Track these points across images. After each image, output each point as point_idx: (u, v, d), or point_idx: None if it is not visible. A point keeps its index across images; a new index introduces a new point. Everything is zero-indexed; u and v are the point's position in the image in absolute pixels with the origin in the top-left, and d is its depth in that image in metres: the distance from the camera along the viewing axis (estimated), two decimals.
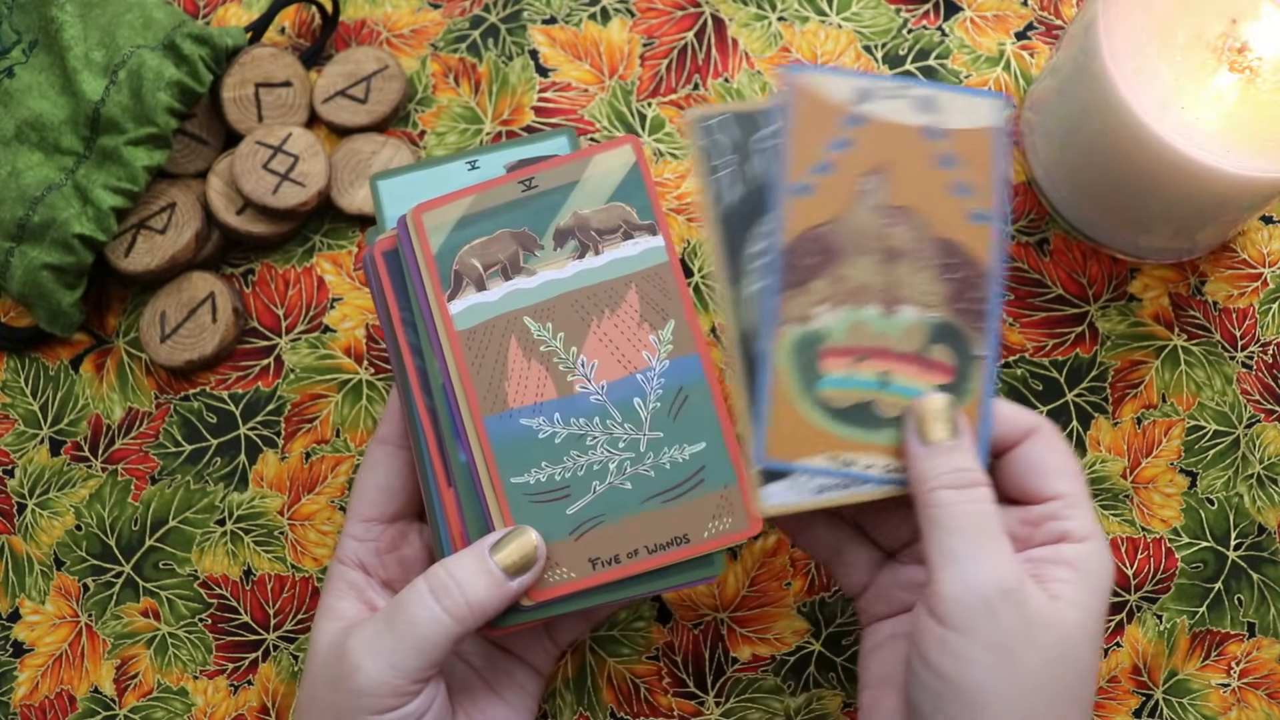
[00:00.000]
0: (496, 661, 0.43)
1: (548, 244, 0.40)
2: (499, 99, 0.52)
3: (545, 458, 0.39)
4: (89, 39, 0.48)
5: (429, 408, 0.40)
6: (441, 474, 0.40)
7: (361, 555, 0.41)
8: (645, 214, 0.40)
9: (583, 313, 0.40)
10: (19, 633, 0.48)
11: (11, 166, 0.48)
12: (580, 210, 0.40)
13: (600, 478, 0.39)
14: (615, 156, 0.40)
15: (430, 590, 0.37)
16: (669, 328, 0.40)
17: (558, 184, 0.40)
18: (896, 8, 0.53)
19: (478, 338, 0.39)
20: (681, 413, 0.39)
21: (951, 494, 0.37)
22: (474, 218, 0.40)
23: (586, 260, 0.40)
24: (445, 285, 0.40)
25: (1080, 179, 0.47)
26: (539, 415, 0.39)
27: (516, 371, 0.39)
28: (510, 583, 0.38)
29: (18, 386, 0.50)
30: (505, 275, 0.40)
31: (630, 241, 0.40)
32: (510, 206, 0.40)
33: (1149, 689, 0.48)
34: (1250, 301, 0.50)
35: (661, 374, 0.40)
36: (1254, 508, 0.48)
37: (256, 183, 0.49)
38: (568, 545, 0.39)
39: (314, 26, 0.53)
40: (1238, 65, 0.42)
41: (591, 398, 0.39)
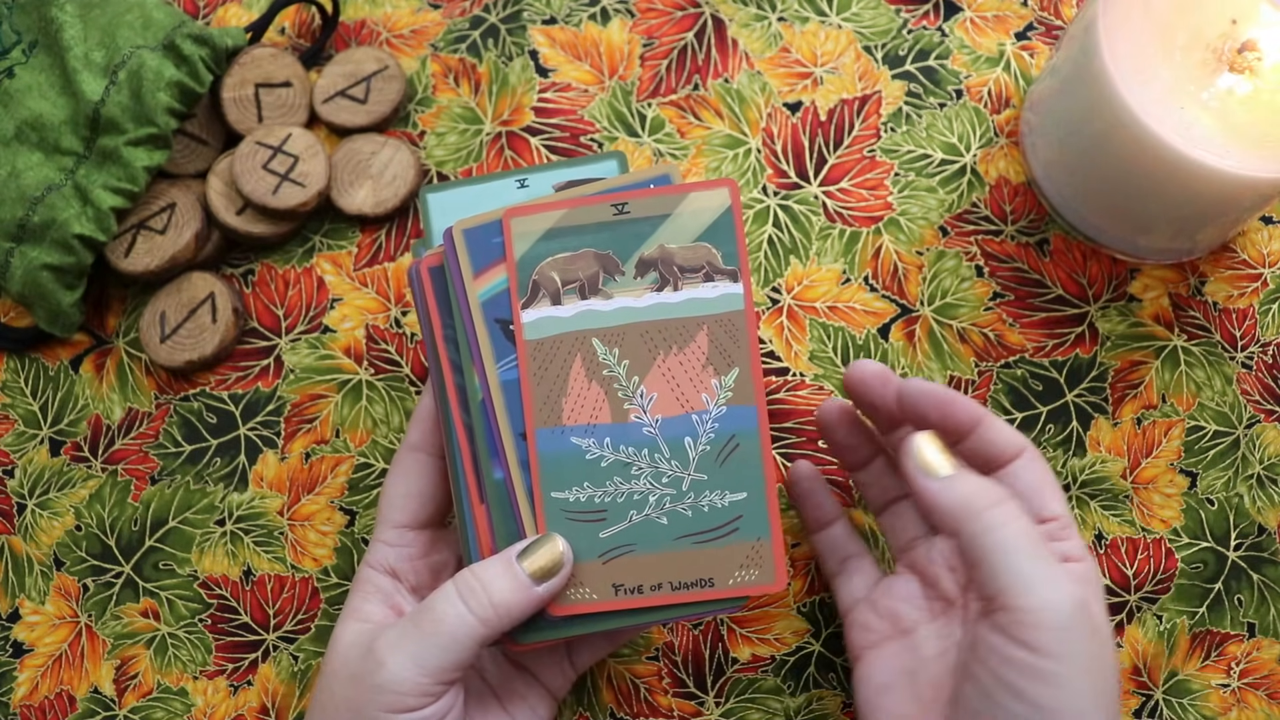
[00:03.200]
0: (512, 681, 0.43)
1: (629, 271, 0.40)
2: (499, 99, 0.52)
3: (589, 479, 0.39)
4: (89, 39, 0.48)
5: (466, 424, 0.40)
6: (475, 490, 0.40)
7: (393, 561, 0.41)
8: (730, 260, 0.40)
9: (651, 345, 0.40)
10: (19, 633, 0.48)
11: (11, 166, 0.48)
12: (667, 244, 0.40)
13: (639, 508, 0.40)
14: (711, 197, 0.40)
15: (457, 592, 0.37)
16: (732, 375, 0.40)
17: (649, 214, 0.40)
18: (896, 8, 0.53)
19: (544, 350, 0.40)
20: (729, 460, 0.40)
21: (997, 514, 0.36)
22: (561, 232, 0.40)
23: (664, 294, 0.40)
24: (522, 293, 0.40)
25: (1080, 179, 0.47)
26: (590, 437, 0.40)
27: (576, 390, 0.40)
28: (536, 588, 0.38)
29: (18, 386, 0.50)
30: (582, 294, 0.40)
31: (710, 284, 0.40)
32: (599, 227, 0.40)
33: (1149, 689, 0.48)
34: (1250, 302, 0.50)
35: (716, 419, 0.40)
36: (1254, 508, 0.48)
37: (256, 183, 0.49)
38: (595, 567, 0.39)
39: (314, 27, 0.53)
40: (1238, 65, 0.42)
41: (644, 429, 0.40)
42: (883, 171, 0.51)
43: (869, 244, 0.50)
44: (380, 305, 0.50)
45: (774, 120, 0.52)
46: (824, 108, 0.52)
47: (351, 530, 0.48)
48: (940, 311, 0.50)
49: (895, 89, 0.52)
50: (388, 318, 0.50)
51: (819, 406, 0.44)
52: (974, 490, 0.37)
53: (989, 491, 0.37)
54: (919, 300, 0.50)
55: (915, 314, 0.50)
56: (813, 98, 0.52)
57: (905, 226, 0.50)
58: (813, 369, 0.49)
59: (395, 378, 0.49)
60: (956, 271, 0.50)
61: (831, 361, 0.49)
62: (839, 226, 0.50)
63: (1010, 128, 0.51)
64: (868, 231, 0.50)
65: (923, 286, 0.50)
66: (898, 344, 0.49)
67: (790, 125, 0.51)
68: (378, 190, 0.50)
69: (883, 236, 0.50)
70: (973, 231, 0.50)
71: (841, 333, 0.49)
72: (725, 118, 0.52)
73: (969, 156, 0.51)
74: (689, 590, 0.39)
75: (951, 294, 0.50)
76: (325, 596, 0.48)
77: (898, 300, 0.50)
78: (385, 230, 0.51)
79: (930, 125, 0.51)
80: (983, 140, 0.51)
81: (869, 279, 0.50)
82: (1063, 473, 0.48)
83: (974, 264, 0.50)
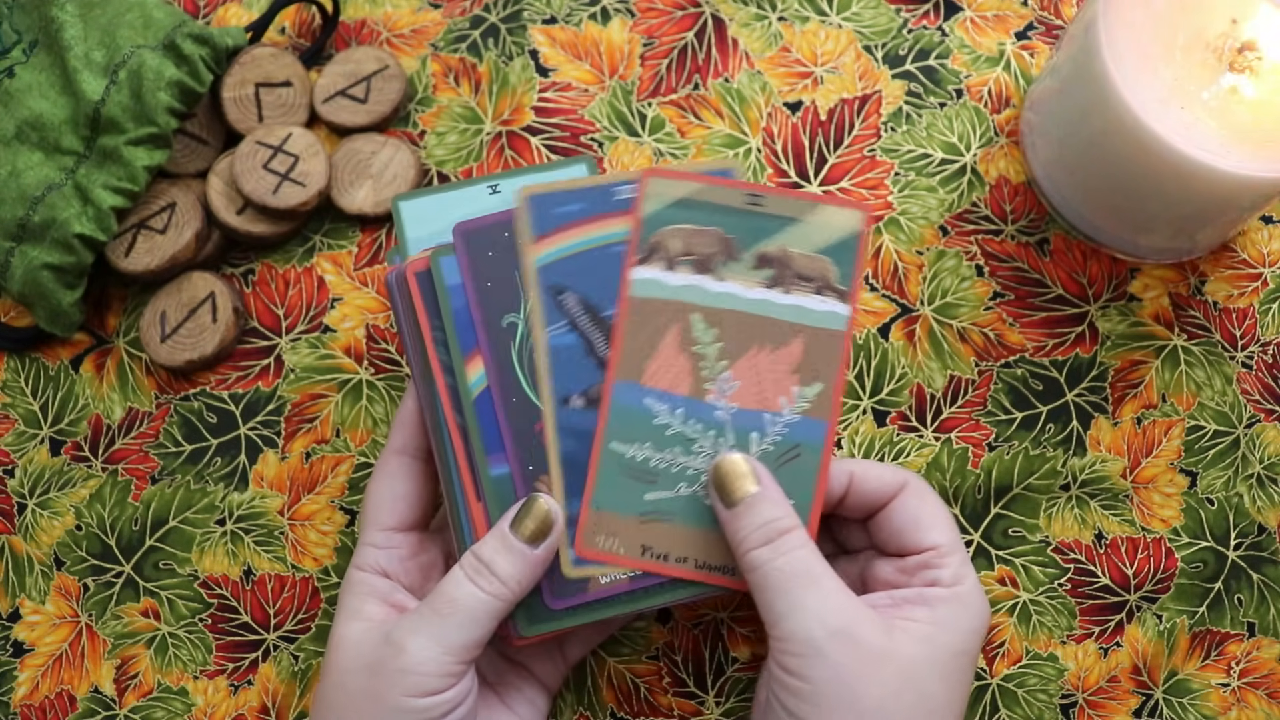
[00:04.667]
0: (507, 675, 0.43)
1: (746, 260, 0.41)
2: (499, 99, 0.52)
3: (651, 440, 0.41)
4: (89, 39, 0.48)
5: (459, 424, 0.40)
6: (471, 488, 0.40)
7: (383, 562, 0.42)
8: (845, 281, 0.41)
9: (747, 336, 0.41)
10: (19, 633, 0.48)
11: (11, 166, 0.48)
12: (789, 247, 0.41)
13: (689, 482, 0.41)
14: (844, 216, 0.41)
15: (465, 574, 0.39)
16: (814, 388, 0.41)
17: (781, 213, 0.41)
18: (896, 8, 0.53)
19: (645, 310, 0.41)
20: (787, 467, 0.41)
21: (763, 553, 0.38)
22: (693, 204, 0.41)
23: (774, 293, 0.41)
24: (640, 250, 0.41)
25: (1080, 179, 0.47)
26: (665, 403, 0.41)
27: (664, 356, 0.41)
28: (535, 551, 0.39)
29: (18, 386, 0.50)
30: (696, 269, 0.41)
31: (819, 298, 0.41)
32: (729, 211, 0.41)
33: (1149, 689, 0.48)
34: (1250, 301, 0.50)
35: (787, 424, 0.41)
36: (1254, 508, 0.48)
37: (257, 183, 0.49)
38: (631, 523, 0.40)
39: (314, 26, 0.53)
40: (1238, 65, 0.42)
41: (717, 411, 0.41)
42: (883, 171, 0.51)
43: (869, 244, 0.50)
44: (380, 305, 0.50)
45: (774, 120, 0.52)
46: (824, 107, 0.52)
47: (352, 530, 0.48)
48: (940, 311, 0.50)
49: (895, 89, 0.52)
50: (388, 317, 0.50)
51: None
52: (751, 526, 0.39)
53: (768, 526, 0.39)
54: (919, 300, 0.50)
55: (915, 313, 0.50)
56: (813, 97, 0.52)
57: (905, 226, 0.50)
58: None
59: (395, 377, 0.49)
60: (957, 271, 0.50)
61: None
62: None
63: (1010, 127, 0.51)
64: None
65: (923, 286, 0.50)
66: (898, 343, 0.49)
67: (790, 125, 0.51)
68: (378, 190, 0.50)
69: (883, 236, 0.50)
70: (973, 231, 0.50)
71: None
72: (725, 117, 0.52)
73: (969, 156, 0.51)
74: (709, 572, 0.40)
75: (952, 293, 0.50)
76: (325, 596, 0.48)
77: (898, 300, 0.50)
78: (385, 230, 0.51)
79: (930, 125, 0.51)
80: (983, 140, 0.51)
81: (869, 278, 0.50)
82: (1063, 472, 0.48)
83: (974, 263, 0.50)
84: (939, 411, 0.49)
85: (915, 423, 0.49)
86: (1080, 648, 0.48)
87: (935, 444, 0.48)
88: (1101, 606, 0.48)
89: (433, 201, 0.45)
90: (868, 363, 0.49)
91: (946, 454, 0.48)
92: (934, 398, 0.49)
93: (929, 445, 0.48)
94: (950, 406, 0.49)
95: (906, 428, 0.49)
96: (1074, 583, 0.48)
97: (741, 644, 0.47)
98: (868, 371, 0.49)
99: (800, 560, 0.38)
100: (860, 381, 0.49)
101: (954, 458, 0.48)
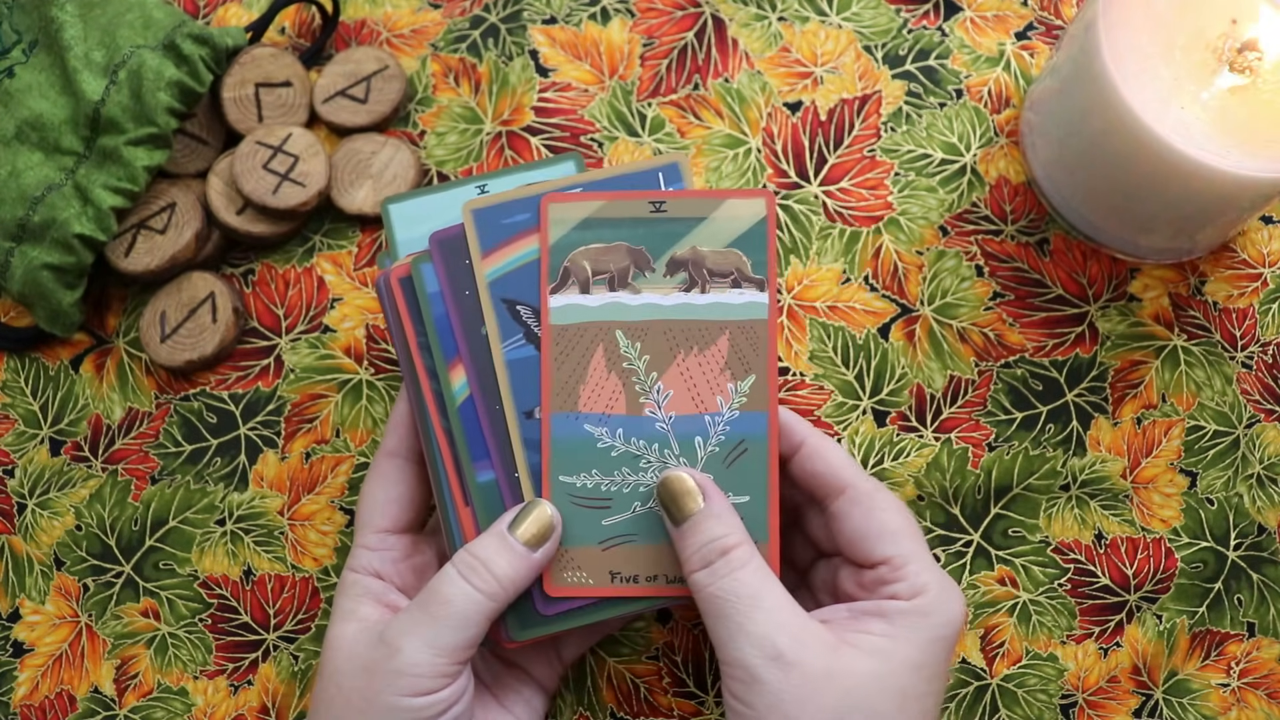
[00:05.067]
0: (502, 677, 0.43)
1: (659, 268, 0.41)
2: (499, 99, 0.52)
3: (597, 466, 0.40)
4: (89, 39, 0.48)
5: (445, 429, 0.40)
6: (458, 493, 0.40)
7: (376, 564, 0.42)
8: (759, 269, 0.41)
9: (672, 343, 0.41)
10: (19, 633, 0.48)
11: (11, 166, 0.48)
12: (700, 247, 0.41)
13: (643, 500, 0.40)
14: (748, 206, 0.41)
15: (459, 573, 0.38)
16: (748, 381, 0.41)
17: (686, 215, 0.41)
18: (896, 8, 0.53)
19: (568, 336, 0.40)
20: (736, 464, 0.40)
21: (702, 575, 0.38)
22: (598, 222, 0.41)
23: (691, 295, 0.41)
24: (552, 279, 0.41)
25: (1080, 179, 0.47)
26: (603, 426, 0.40)
27: (595, 379, 0.40)
28: (533, 555, 0.39)
29: (18, 386, 0.50)
30: (611, 286, 0.41)
31: (737, 290, 0.41)
32: (635, 223, 0.41)
33: (1149, 689, 0.48)
34: (1250, 301, 0.50)
35: (728, 422, 0.40)
36: (1254, 508, 0.48)
37: (256, 183, 0.49)
38: (594, 553, 0.40)
39: (314, 26, 0.53)
40: (1238, 65, 0.42)
41: (657, 424, 0.40)
42: (883, 171, 0.51)
43: (869, 244, 0.50)
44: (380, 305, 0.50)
45: (774, 120, 0.52)
46: (824, 107, 0.52)
47: (352, 530, 0.48)
48: (940, 311, 0.50)
49: (895, 89, 0.52)
50: None
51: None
52: (694, 547, 0.38)
53: (708, 547, 0.38)
54: (919, 300, 0.50)
55: (915, 314, 0.50)
56: (813, 97, 0.52)
57: (905, 226, 0.50)
58: (813, 369, 0.49)
59: (395, 377, 0.49)
60: (956, 271, 0.50)
61: (831, 361, 0.49)
62: (839, 226, 0.50)
63: (1010, 128, 0.51)
64: (868, 231, 0.50)
65: (923, 286, 0.50)
66: (898, 344, 0.49)
67: (790, 125, 0.51)
68: (378, 190, 0.50)
69: (883, 236, 0.50)
70: (973, 231, 0.50)
71: (842, 332, 0.49)
72: (725, 117, 0.52)
73: (969, 156, 0.51)
74: (683, 585, 0.40)
75: (951, 294, 0.50)
76: (325, 596, 0.48)
77: (898, 300, 0.50)
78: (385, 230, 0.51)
79: (930, 125, 0.51)
80: (983, 140, 0.51)
81: (869, 279, 0.50)
82: (1063, 472, 0.48)
83: (974, 264, 0.50)
84: (939, 412, 0.49)
85: (915, 423, 0.49)
86: (1080, 648, 0.48)
87: (935, 444, 0.48)
88: (1101, 607, 0.48)
89: (422, 203, 0.45)
90: (868, 363, 0.49)
91: (946, 454, 0.48)
92: (934, 398, 0.49)
93: (929, 445, 0.48)
94: (950, 407, 0.49)
95: (906, 428, 0.49)
96: (1074, 583, 0.48)
97: None
98: (868, 371, 0.49)
99: (738, 583, 0.38)
100: (860, 381, 0.49)
101: (954, 458, 0.48)
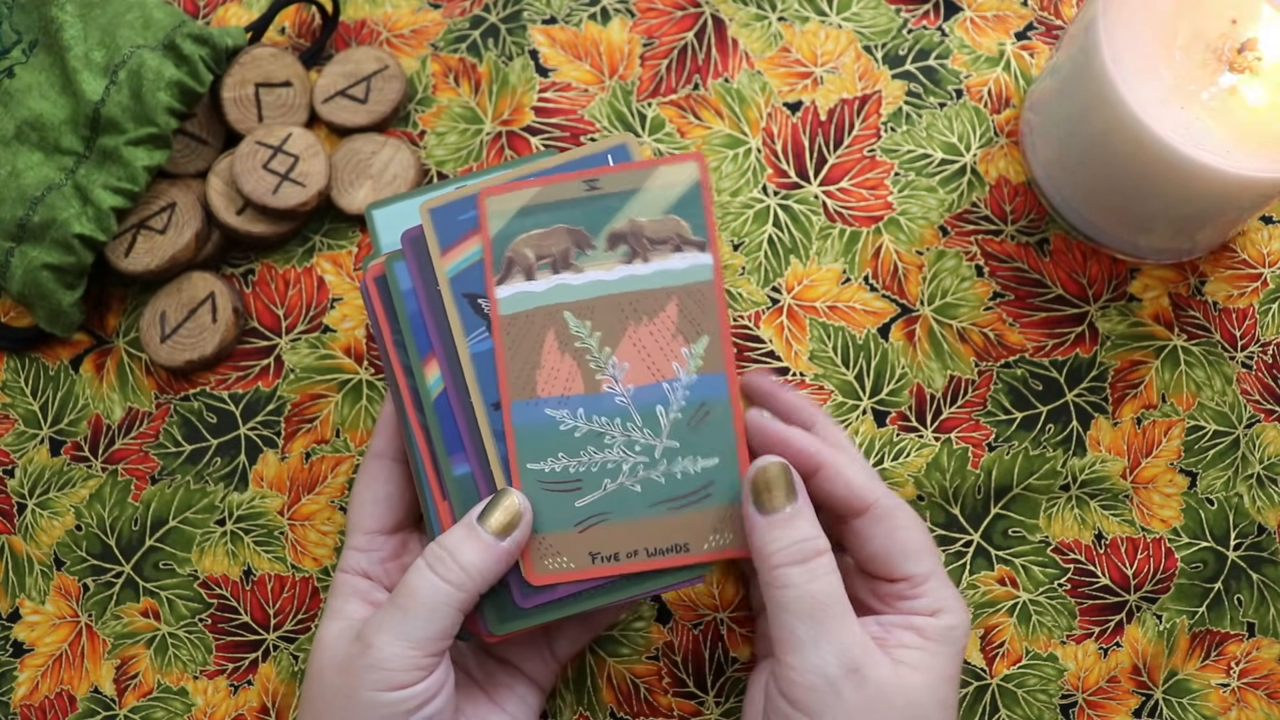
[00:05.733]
0: (496, 674, 0.43)
1: (600, 245, 0.41)
2: (499, 99, 0.52)
3: (563, 449, 0.40)
4: (89, 39, 0.48)
5: (421, 425, 0.41)
6: (436, 487, 0.40)
7: (365, 564, 0.42)
8: (699, 231, 0.41)
9: (622, 316, 0.40)
10: (19, 633, 0.48)
11: (11, 166, 0.48)
12: (637, 217, 0.41)
13: (612, 476, 0.40)
14: (679, 171, 0.41)
15: (427, 564, 0.38)
16: (701, 343, 0.40)
17: (619, 189, 0.41)
18: (896, 8, 0.53)
19: (518, 324, 0.40)
20: (700, 427, 0.40)
21: (796, 572, 0.37)
22: (535, 209, 0.41)
23: (634, 266, 0.41)
24: (496, 270, 0.40)
25: (1080, 179, 0.47)
26: (564, 408, 0.40)
27: (549, 363, 0.40)
28: (502, 543, 0.39)
29: (18, 386, 0.50)
30: (555, 269, 0.40)
31: (679, 254, 0.40)
32: (571, 204, 0.41)
33: (1149, 689, 0.48)
34: (1250, 301, 0.50)
35: (687, 386, 0.40)
36: (1254, 508, 0.48)
37: (256, 183, 0.49)
38: (571, 536, 0.40)
39: (314, 26, 0.53)
40: (1238, 65, 0.42)
41: (616, 399, 0.40)
42: (883, 171, 0.51)
43: (869, 244, 0.50)
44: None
45: (774, 120, 0.52)
46: (824, 107, 0.52)
47: None
48: (940, 311, 0.50)
49: (895, 89, 0.52)
50: None
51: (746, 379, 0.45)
52: (787, 540, 0.38)
53: (803, 544, 0.38)
54: (919, 300, 0.50)
55: (915, 314, 0.50)
56: (813, 97, 0.52)
57: (905, 226, 0.50)
58: (813, 369, 0.49)
59: None
60: (956, 271, 0.50)
61: (832, 361, 0.49)
62: (839, 226, 0.50)
63: (1010, 128, 0.51)
64: (868, 231, 0.50)
65: (923, 286, 0.50)
66: (898, 344, 0.49)
67: (790, 125, 0.51)
68: (378, 190, 0.50)
69: (883, 236, 0.50)
70: (973, 231, 0.50)
71: (841, 332, 0.49)
72: (725, 117, 0.52)
73: (969, 156, 0.51)
74: (665, 556, 0.40)
75: (951, 294, 0.50)
76: (325, 596, 0.48)
77: (898, 300, 0.50)
78: None
79: (930, 125, 0.51)
80: (983, 140, 0.51)
81: (869, 279, 0.50)
82: (1063, 472, 0.48)
83: (974, 264, 0.50)
84: (939, 412, 0.49)
85: (915, 423, 0.49)
86: (1080, 648, 0.48)
87: (935, 444, 0.48)
88: (1101, 607, 0.48)
89: (406, 206, 0.45)
90: (868, 363, 0.49)
91: (946, 454, 0.48)
92: (934, 398, 0.49)
93: (929, 445, 0.48)
94: (950, 407, 0.49)
95: (906, 428, 0.49)
96: (1074, 583, 0.48)
97: (741, 644, 0.47)
98: (868, 371, 0.49)
99: (831, 587, 0.37)
100: (860, 381, 0.49)
101: (954, 458, 0.48)
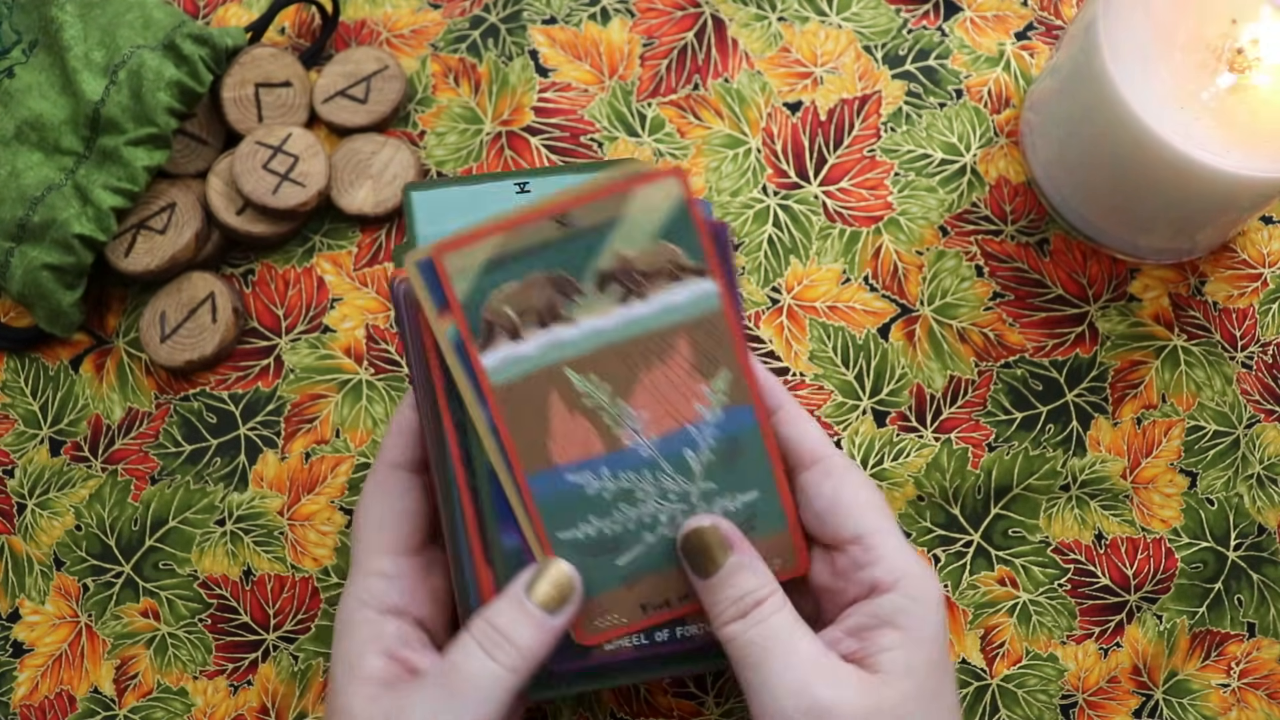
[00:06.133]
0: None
1: (588, 288, 0.36)
2: (499, 99, 0.52)
3: (593, 513, 0.37)
4: (89, 39, 0.48)
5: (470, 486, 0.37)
6: (479, 550, 0.38)
7: (394, 597, 0.38)
8: (695, 255, 0.37)
9: (631, 364, 0.37)
10: (19, 633, 0.48)
11: (11, 166, 0.48)
12: (623, 251, 0.36)
13: (651, 529, 0.38)
14: (659, 190, 0.36)
15: (480, 647, 0.36)
16: (723, 378, 0.38)
17: (596, 221, 0.36)
18: (896, 8, 0.53)
19: (516, 393, 0.36)
20: (734, 463, 0.38)
21: (736, 627, 0.36)
22: (503, 260, 0.36)
23: (632, 306, 0.37)
24: (476, 336, 0.36)
25: (1080, 179, 0.47)
26: (586, 471, 0.37)
27: (560, 427, 0.37)
28: (554, 621, 0.36)
29: (18, 386, 0.50)
30: (542, 324, 0.36)
31: (679, 284, 0.37)
32: (544, 247, 0.36)
33: (1149, 689, 0.48)
34: (1250, 301, 0.50)
35: (715, 425, 0.38)
36: (1254, 508, 0.48)
37: (256, 183, 0.49)
38: (619, 594, 0.38)
39: (314, 26, 0.53)
40: (1238, 65, 0.42)
41: (642, 451, 0.37)
42: (883, 171, 0.51)
43: (869, 244, 0.50)
44: (380, 305, 0.50)
45: (774, 120, 0.52)
46: (824, 108, 0.52)
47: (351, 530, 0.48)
48: (940, 311, 0.50)
49: (895, 89, 0.52)
50: (388, 318, 0.50)
51: None
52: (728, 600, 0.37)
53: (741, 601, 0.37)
54: (919, 300, 0.50)
55: (915, 314, 0.50)
56: (813, 97, 0.52)
57: (905, 226, 0.50)
58: (813, 369, 0.49)
59: (396, 377, 0.49)
60: (956, 271, 0.50)
61: (831, 361, 0.49)
62: (839, 226, 0.50)
63: (1010, 128, 0.51)
64: (868, 231, 0.50)
65: (923, 286, 0.50)
66: (898, 344, 0.49)
67: (790, 125, 0.51)
68: (378, 190, 0.50)
69: (883, 236, 0.50)
70: (973, 231, 0.50)
71: (841, 332, 0.49)
72: (725, 117, 0.52)
73: (969, 156, 0.51)
74: None
75: (951, 294, 0.50)
76: (325, 596, 0.48)
77: (898, 300, 0.50)
78: (385, 230, 0.51)
79: (930, 125, 0.51)
80: (983, 140, 0.51)
81: (869, 279, 0.50)
82: (1063, 473, 0.48)
83: (974, 264, 0.50)
84: (939, 412, 0.49)
85: (915, 423, 0.49)
86: (1080, 648, 0.48)
87: (935, 444, 0.48)
88: (1101, 607, 0.48)
89: (451, 195, 0.40)
90: (868, 363, 0.49)
91: (946, 454, 0.48)
92: (934, 398, 0.49)
93: (929, 445, 0.48)
94: (950, 407, 0.49)
95: (906, 428, 0.49)
96: (1074, 583, 0.48)
97: None
98: (868, 371, 0.49)
99: (772, 629, 0.36)
100: (860, 381, 0.49)
101: (954, 458, 0.48)
